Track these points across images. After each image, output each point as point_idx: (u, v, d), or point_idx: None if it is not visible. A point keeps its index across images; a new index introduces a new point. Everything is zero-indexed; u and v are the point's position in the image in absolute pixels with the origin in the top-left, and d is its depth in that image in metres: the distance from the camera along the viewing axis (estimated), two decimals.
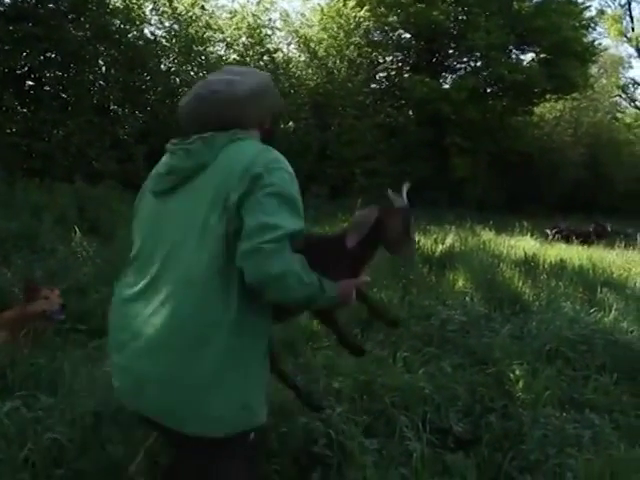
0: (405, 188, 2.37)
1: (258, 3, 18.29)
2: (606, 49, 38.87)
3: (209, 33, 16.99)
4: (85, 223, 8.05)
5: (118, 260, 5.91)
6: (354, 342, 2.49)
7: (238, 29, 17.66)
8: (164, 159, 2.01)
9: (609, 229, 14.99)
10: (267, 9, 18.62)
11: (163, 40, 16.15)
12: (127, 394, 1.89)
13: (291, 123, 16.96)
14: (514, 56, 25.06)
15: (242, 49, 17.36)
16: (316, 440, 2.98)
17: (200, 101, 1.97)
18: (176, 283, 1.80)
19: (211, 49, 17.11)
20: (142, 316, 1.83)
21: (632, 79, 44.66)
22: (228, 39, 17.59)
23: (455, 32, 23.39)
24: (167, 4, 16.14)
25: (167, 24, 16.36)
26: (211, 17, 17.33)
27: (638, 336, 5.17)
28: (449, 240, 9.56)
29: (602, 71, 41.22)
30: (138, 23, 15.46)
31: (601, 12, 41.81)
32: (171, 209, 1.90)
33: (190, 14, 16.34)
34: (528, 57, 25.72)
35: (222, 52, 17.63)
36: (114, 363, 1.93)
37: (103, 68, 14.79)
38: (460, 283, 6.84)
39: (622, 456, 3.24)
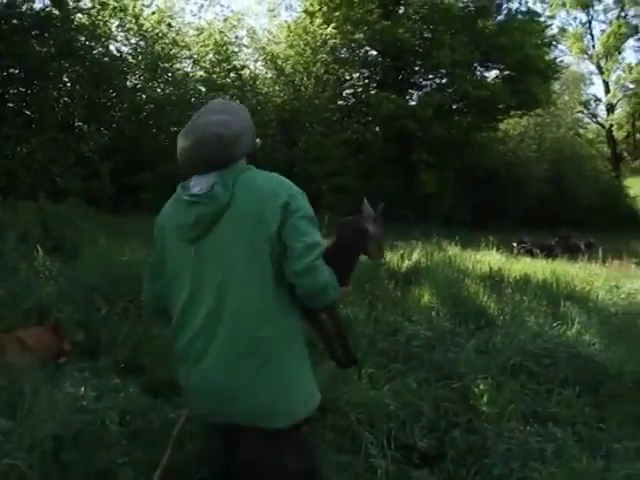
0: (379, 208, 2.69)
1: (225, 20, 18.39)
2: (568, 66, 39.75)
3: (176, 50, 17.02)
4: (49, 241, 7.90)
5: (82, 279, 5.86)
6: (349, 349, 2.61)
7: (205, 46, 17.71)
8: (184, 205, 2.18)
9: (582, 245, 15.17)
10: (234, 26, 18.73)
11: (129, 57, 16.13)
12: (214, 410, 2.17)
13: (258, 140, 16.96)
14: (479, 73, 25.57)
15: (209, 66, 17.39)
16: None
17: (204, 145, 2.16)
18: (238, 301, 2.09)
19: (178, 66, 17.12)
20: (215, 331, 2.10)
21: (593, 95, 45.70)
22: (195, 56, 17.63)
23: (421, 49, 23.70)
24: (133, 21, 16.13)
25: (133, 41, 16.37)
26: (178, 34, 17.36)
27: (600, 349, 5.24)
28: (415, 255, 9.61)
29: (564, 88, 42.03)
30: (104, 40, 15.42)
31: (563, 30, 42.84)
32: (207, 251, 2.14)
33: (156, 31, 16.36)
34: (492, 74, 26.23)
35: (189, 69, 17.65)
36: (194, 388, 2.19)
37: (68, 85, 14.69)
38: (426, 298, 6.87)
39: (584, 468, 3.28)
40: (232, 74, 17.87)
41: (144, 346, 4.56)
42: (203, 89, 16.99)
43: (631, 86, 41.73)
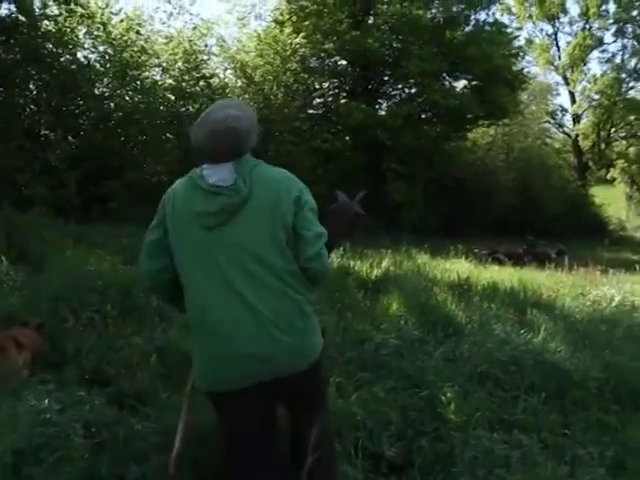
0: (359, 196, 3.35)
1: (194, 29, 18.34)
2: (535, 77, 40.33)
3: (144, 58, 16.89)
4: (13, 251, 7.79)
5: (47, 289, 5.77)
6: None
7: (174, 54, 17.62)
8: (204, 194, 2.46)
9: (552, 253, 15.33)
10: (203, 35, 18.68)
11: (97, 64, 16.00)
12: (252, 371, 2.43)
13: None
14: (447, 83, 25.72)
15: (178, 74, 17.29)
16: None
17: (223, 136, 2.47)
18: (264, 280, 2.44)
19: (146, 74, 16.99)
20: (252, 307, 2.42)
21: (560, 106, 46.28)
22: (164, 64, 17.51)
23: (390, 59, 23.86)
24: (101, 28, 16.00)
25: (101, 48, 16.23)
26: (146, 42, 17.24)
27: (565, 356, 5.29)
28: (385, 264, 9.64)
29: (532, 98, 42.61)
30: (71, 47, 15.28)
31: (529, 42, 43.47)
32: (228, 237, 2.44)
33: (125, 38, 16.23)
34: (461, 84, 26.44)
35: (158, 77, 17.53)
36: (231, 352, 2.43)
37: (34, 92, 14.50)
38: (394, 307, 6.89)
39: (549, 475, 3.32)
40: (201, 82, 17.79)
41: (110, 357, 4.52)
42: (172, 97, 16.92)
43: (596, 97, 42.42)
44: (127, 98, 16.00)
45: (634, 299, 8.02)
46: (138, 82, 16.32)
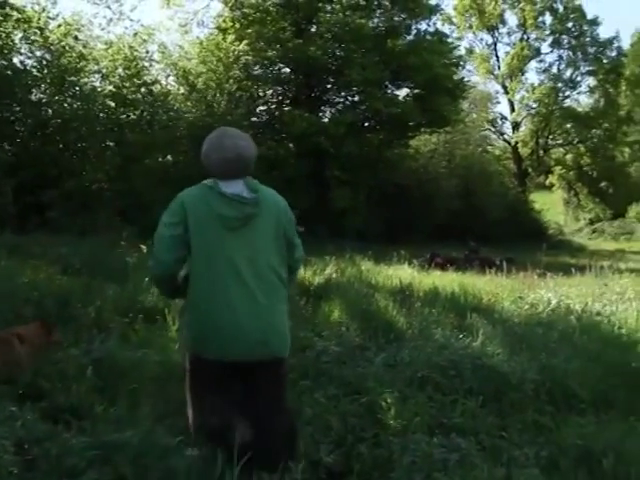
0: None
1: (135, 35, 18.01)
2: (475, 86, 41.20)
3: (83, 63, 16.53)
4: None
5: None
6: None
7: (114, 60, 17.29)
8: (229, 204, 3.03)
9: (497, 260, 15.57)
10: (144, 41, 18.39)
11: (34, 70, 15.57)
12: (248, 350, 3.02)
13: (169, 157, 16.75)
14: (390, 91, 26.01)
15: (118, 81, 16.99)
16: None
17: (239, 162, 3.09)
18: (266, 276, 3.08)
19: (85, 80, 16.63)
20: (252, 296, 3.02)
21: (500, 114, 47.45)
22: (104, 70, 17.17)
23: (333, 67, 24.01)
24: (38, 33, 15.61)
25: (38, 53, 15.84)
26: (85, 47, 16.89)
27: (503, 359, 5.38)
28: (328, 271, 9.67)
29: (472, 106, 43.58)
30: (6, 52, 14.84)
31: (470, 51, 44.42)
32: (243, 236, 3.05)
33: (63, 44, 15.87)
34: (403, 92, 26.80)
35: (97, 83, 17.19)
36: (232, 336, 2.99)
37: None
38: (336, 314, 6.91)
39: (486, 477, 3.35)
40: (143, 89, 17.53)
41: (45, 371, 4.39)
42: (112, 104, 16.62)
43: (534, 105, 43.59)
44: (65, 105, 15.63)
45: (570, 302, 8.22)
46: (77, 88, 15.95)
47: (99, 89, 16.87)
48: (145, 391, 4.13)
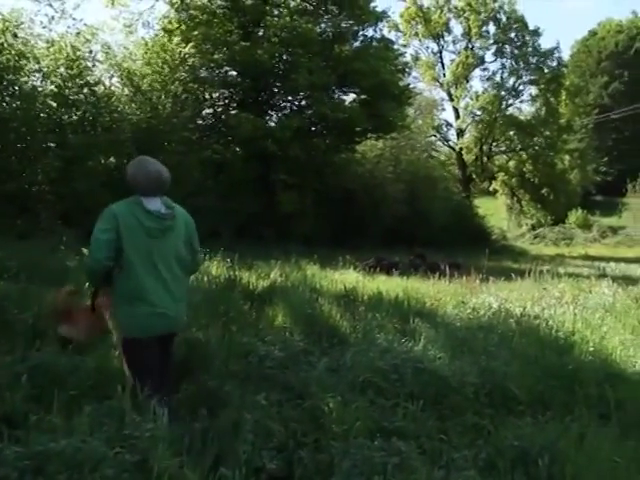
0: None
1: (78, 34, 17.59)
2: (421, 92, 41.80)
3: (23, 62, 16.04)
4: None
5: None
6: None
7: (56, 60, 16.83)
8: (152, 217, 3.96)
9: (442, 265, 15.71)
10: (88, 40, 17.98)
11: None
12: (166, 326, 4.10)
13: (112, 159, 16.43)
14: (336, 96, 26.11)
15: (60, 80, 16.55)
16: None
17: (163, 183, 4.07)
18: (177, 274, 4.12)
19: (25, 79, 16.14)
20: (169, 288, 4.04)
21: (445, 120, 48.15)
22: (45, 69, 16.70)
23: (280, 71, 23.96)
24: None
25: None
26: (25, 45, 16.39)
27: (444, 362, 5.45)
28: (272, 275, 9.64)
29: (418, 112, 44.13)
30: None
31: (416, 59, 45.02)
32: (161, 243, 4.00)
33: (1, 41, 15.39)
34: (349, 98, 26.93)
35: (38, 83, 16.70)
36: (157, 313, 3.97)
37: None
38: (280, 318, 6.90)
39: (424, 479, 3.39)
40: (86, 90, 17.12)
41: None
42: (54, 104, 16.21)
43: (478, 113, 44.43)
44: (4, 104, 15.15)
45: (510, 306, 8.38)
46: (16, 87, 15.48)
47: (40, 89, 16.37)
48: (82, 399, 4.03)
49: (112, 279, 4.02)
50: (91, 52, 18.15)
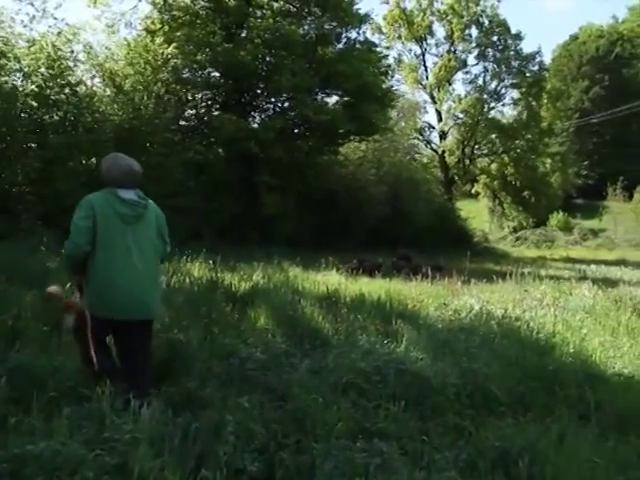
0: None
1: (59, 34, 17.45)
2: (403, 95, 41.92)
3: (3, 61, 15.88)
4: None
5: None
6: None
7: (37, 59, 16.67)
8: (125, 204, 4.27)
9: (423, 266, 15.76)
10: (69, 40, 17.84)
11: None
12: (136, 310, 4.27)
13: (94, 159, 16.29)
14: (319, 98, 26.11)
15: (41, 80, 16.40)
16: None
17: (130, 176, 4.35)
18: (149, 259, 4.37)
19: (6, 78, 15.98)
20: (139, 273, 4.26)
21: (427, 123, 48.32)
22: (26, 69, 16.53)
23: (263, 73, 23.90)
24: None
25: None
26: (6, 45, 16.24)
27: (426, 363, 5.47)
28: (255, 277, 9.63)
29: (401, 115, 44.23)
30: None
31: (399, 61, 45.18)
32: (134, 229, 4.30)
33: None
34: (332, 100, 26.94)
35: (19, 82, 16.52)
36: (127, 297, 4.21)
37: None
38: (262, 320, 6.89)
39: None
40: (67, 90, 16.98)
41: None
42: (35, 104, 16.06)
43: (460, 115, 44.67)
44: None
45: (491, 308, 8.43)
46: None
47: (20, 88, 16.21)
48: (62, 401, 4.00)
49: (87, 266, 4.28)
50: (73, 52, 18.03)
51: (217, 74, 24.54)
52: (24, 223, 13.08)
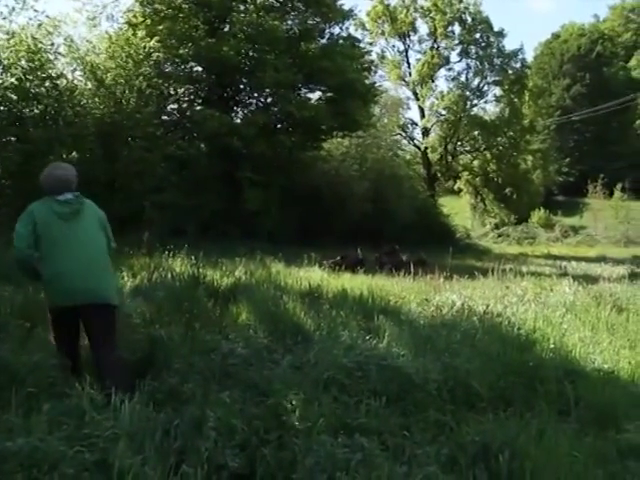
0: None
1: (39, 26, 17.25)
2: (386, 91, 41.97)
3: None
4: None
5: None
6: None
7: (17, 52, 16.46)
8: (60, 203, 4.65)
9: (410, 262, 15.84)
10: (50, 33, 17.64)
11: None
12: (83, 296, 4.55)
13: (74, 153, 16.16)
14: (302, 94, 26.07)
15: (21, 73, 16.20)
16: None
17: (64, 183, 4.73)
18: (92, 249, 4.73)
19: None
20: (82, 262, 4.59)
21: (410, 119, 48.41)
22: (5, 62, 16.32)
23: (246, 68, 23.84)
24: None
25: None
26: None
27: (408, 359, 5.48)
28: (237, 273, 9.59)
29: (384, 111, 44.31)
30: None
31: (382, 57, 45.19)
32: (73, 224, 4.66)
33: None
34: (315, 95, 26.92)
35: None
36: (76, 289, 4.54)
37: None
38: (244, 316, 6.87)
39: (387, 475, 3.40)
40: (47, 83, 16.81)
41: None
42: (14, 97, 15.88)
43: (443, 112, 44.80)
44: None
45: (473, 304, 8.47)
46: None
47: (0, 81, 16.06)
48: (41, 396, 3.97)
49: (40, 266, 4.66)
50: (53, 45, 17.84)
51: (200, 68, 24.49)
52: (3, 217, 12.94)
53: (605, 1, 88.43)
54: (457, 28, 44.69)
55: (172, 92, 23.72)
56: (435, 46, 45.52)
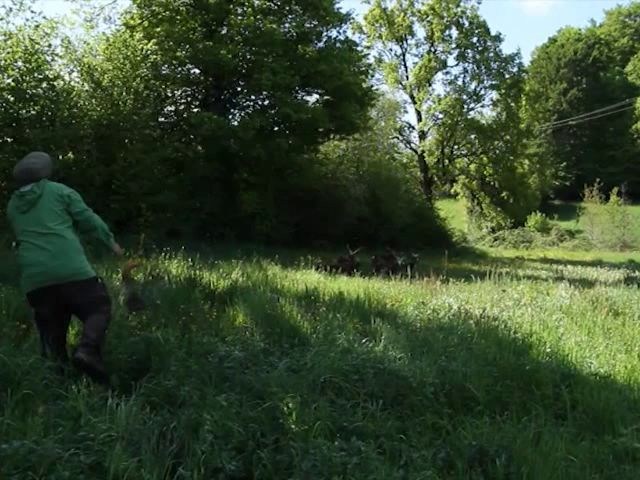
0: None
1: (36, 27, 17.24)
2: (383, 94, 41.96)
3: None
4: None
5: None
6: None
7: (14, 53, 16.45)
8: (19, 198, 4.87)
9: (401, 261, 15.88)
10: (47, 34, 17.64)
11: None
12: (48, 277, 4.71)
13: (71, 155, 16.14)
14: (299, 97, 26.03)
15: (18, 74, 16.19)
16: None
17: (26, 172, 4.91)
18: (53, 234, 4.79)
19: None
20: (48, 250, 4.75)
21: (407, 123, 48.33)
22: (2, 62, 16.31)
23: (243, 71, 23.83)
24: None
25: None
26: None
27: (405, 363, 5.47)
28: (234, 275, 9.58)
29: (381, 114, 44.28)
30: None
31: (379, 61, 45.23)
32: (32, 214, 4.81)
33: None
34: (313, 98, 26.89)
35: None
36: (37, 273, 4.73)
37: None
38: (241, 318, 6.86)
39: (384, 478, 3.40)
40: (44, 84, 16.80)
41: None
42: (11, 98, 15.86)
43: (440, 116, 44.76)
44: None
45: (469, 307, 8.48)
46: None
47: None
48: (37, 399, 3.95)
49: None
50: (50, 46, 17.85)
51: (197, 71, 24.45)
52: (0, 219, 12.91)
53: (602, 6, 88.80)
54: (454, 32, 44.72)
55: (169, 94, 23.71)
56: (432, 50, 45.54)
